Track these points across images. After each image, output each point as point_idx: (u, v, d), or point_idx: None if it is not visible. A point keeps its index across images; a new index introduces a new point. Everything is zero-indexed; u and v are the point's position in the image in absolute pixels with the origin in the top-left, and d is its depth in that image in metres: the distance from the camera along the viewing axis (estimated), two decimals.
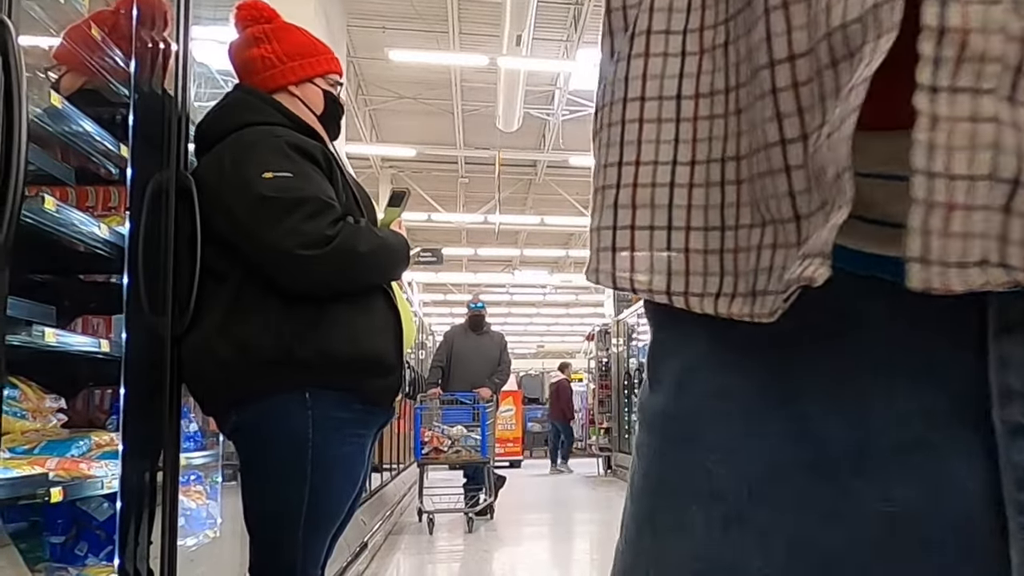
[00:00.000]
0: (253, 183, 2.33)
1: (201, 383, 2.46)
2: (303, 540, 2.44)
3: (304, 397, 2.36)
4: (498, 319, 19.23)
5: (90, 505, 2.77)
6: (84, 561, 2.75)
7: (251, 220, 2.33)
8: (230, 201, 2.36)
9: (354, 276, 2.44)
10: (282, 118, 2.52)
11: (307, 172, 2.40)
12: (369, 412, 2.51)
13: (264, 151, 2.39)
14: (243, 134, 2.44)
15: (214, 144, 2.50)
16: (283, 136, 2.43)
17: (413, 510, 9.04)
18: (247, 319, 2.35)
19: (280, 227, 2.31)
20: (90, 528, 2.80)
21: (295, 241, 2.31)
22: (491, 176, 17.78)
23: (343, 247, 2.36)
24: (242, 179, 2.35)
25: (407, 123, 16.18)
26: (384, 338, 2.52)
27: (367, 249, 2.43)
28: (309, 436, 2.37)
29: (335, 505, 2.50)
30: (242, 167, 2.37)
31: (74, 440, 2.57)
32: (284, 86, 2.57)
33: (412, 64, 13.06)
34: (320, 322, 2.38)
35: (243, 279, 2.37)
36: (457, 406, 8.88)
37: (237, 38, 2.61)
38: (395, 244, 2.58)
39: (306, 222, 2.33)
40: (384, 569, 6.63)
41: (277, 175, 2.35)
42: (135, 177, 2.46)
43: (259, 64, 2.56)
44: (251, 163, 2.36)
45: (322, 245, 2.33)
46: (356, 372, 2.42)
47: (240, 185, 2.35)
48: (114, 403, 3.01)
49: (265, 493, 2.46)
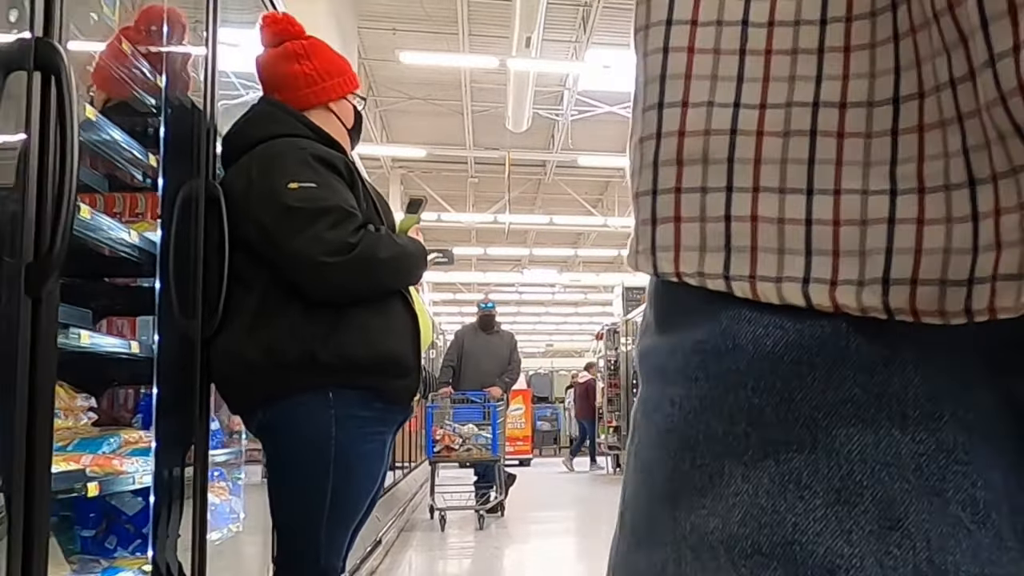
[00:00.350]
0: (279, 193, 2.44)
1: (230, 384, 2.57)
2: (326, 532, 2.55)
3: (327, 397, 2.47)
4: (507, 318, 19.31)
5: (120, 500, 2.88)
6: (114, 554, 2.86)
7: (277, 228, 2.44)
8: (257, 210, 2.48)
9: (375, 282, 2.54)
10: (306, 130, 2.63)
11: (330, 182, 2.51)
12: (388, 411, 2.62)
13: (289, 162, 2.50)
14: (269, 146, 2.55)
15: (241, 154, 2.61)
16: (307, 148, 2.54)
17: (425, 507, 9.12)
18: (273, 323, 2.46)
19: (305, 235, 2.42)
20: (119, 522, 2.91)
21: (319, 249, 2.42)
22: (501, 176, 17.86)
23: (364, 254, 2.47)
24: (269, 189, 2.46)
25: (417, 124, 16.27)
26: (402, 340, 2.63)
27: (387, 256, 2.54)
28: (332, 434, 2.48)
29: (356, 499, 2.61)
30: (269, 178, 2.48)
31: (105, 438, 2.68)
32: (325, 103, 2.68)
33: (422, 65, 13.16)
34: (341, 326, 2.49)
35: (269, 285, 2.48)
36: (468, 405, 8.97)
37: (271, 51, 2.70)
38: (413, 251, 2.69)
39: (329, 230, 2.44)
40: (397, 565, 6.71)
41: (302, 185, 2.46)
42: (166, 186, 2.58)
43: (301, 80, 2.66)
44: (277, 174, 2.47)
45: (345, 252, 2.44)
46: (376, 373, 2.53)
47: (267, 195, 2.46)
48: (139, 402, 3.13)
49: (291, 488, 2.57)
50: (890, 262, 0.42)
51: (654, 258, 0.49)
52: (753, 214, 0.45)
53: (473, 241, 22.38)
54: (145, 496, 2.81)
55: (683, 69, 0.47)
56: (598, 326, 22.67)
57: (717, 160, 0.46)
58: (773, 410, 0.44)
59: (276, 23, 2.71)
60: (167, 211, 2.56)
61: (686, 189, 0.47)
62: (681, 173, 0.47)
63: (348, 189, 2.57)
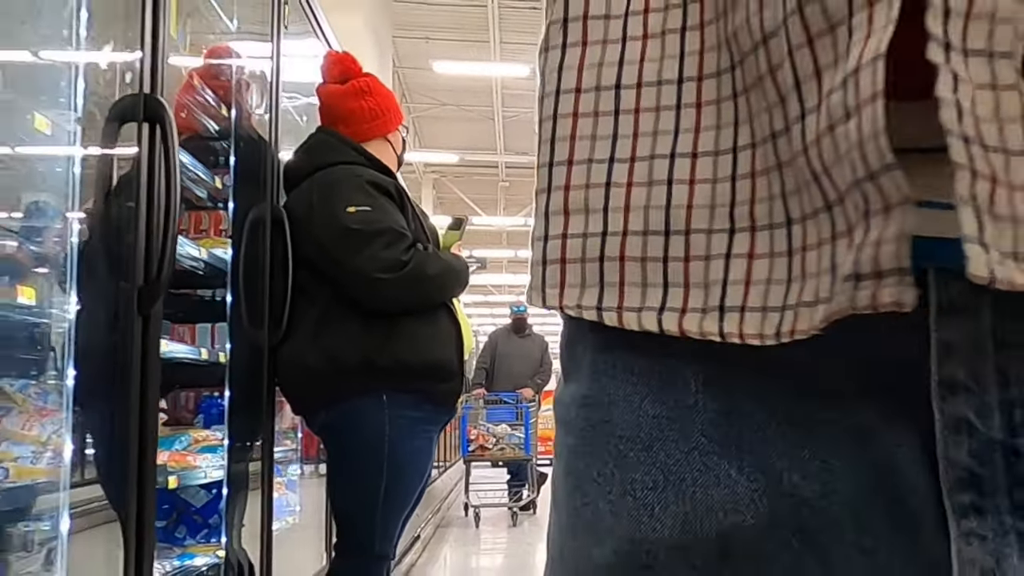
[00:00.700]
0: (339, 217, 2.73)
1: (295, 388, 2.86)
2: (381, 521, 2.83)
3: (382, 400, 2.75)
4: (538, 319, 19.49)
5: (189, 493, 3.16)
6: (184, 542, 3.14)
7: (337, 249, 2.72)
8: (319, 232, 2.76)
9: (424, 295, 2.82)
10: (360, 158, 2.91)
11: (383, 205, 2.79)
12: (436, 411, 2.90)
13: (347, 188, 2.78)
14: (328, 172, 2.83)
15: (301, 180, 2.90)
16: (363, 175, 2.82)
17: (460, 505, 9.33)
18: (334, 333, 2.74)
19: (362, 255, 2.70)
20: (188, 513, 3.19)
21: (375, 266, 2.70)
22: (531, 180, 18.02)
23: (415, 271, 2.75)
24: (329, 213, 2.74)
25: (449, 129, 16.54)
26: (448, 347, 2.90)
27: (434, 272, 2.82)
28: (386, 433, 2.76)
29: (407, 491, 2.89)
30: (329, 202, 2.76)
31: (176, 436, 2.97)
32: (383, 135, 2.97)
33: (454, 73, 13.44)
34: (395, 335, 2.77)
35: (330, 299, 2.77)
36: (501, 405, 9.17)
37: (336, 87, 2.98)
38: (457, 267, 2.96)
39: (383, 250, 2.72)
40: (434, 560, 6.93)
41: (359, 209, 2.74)
42: (235, 209, 2.87)
43: (366, 114, 2.95)
44: (336, 199, 2.76)
45: (397, 269, 2.72)
46: (425, 377, 2.81)
47: (328, 218, 2.74)
48: (199, 403, 3.41)
49: (349, 481, 2.85)
50: (725, 291, 0.49)
51: (543, 294, 0.55)
52: (622, 254, 0.52)
53: (504, 244, 22.61)
54: (210, 489, 3.09)
55: (568, 131, 0.54)
56: None
57: (595, 209, 0.53)
58: (635, 455, 0.53)
59: (341, 62, 3.00)
60: (237, 231, 2.84)
61: (571, 235, 0.54)
62: (567, 222, 0.54)
63: (399, 211, 2.85)
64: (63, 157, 1.89)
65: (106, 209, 1.96)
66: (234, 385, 2.84)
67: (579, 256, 0.53)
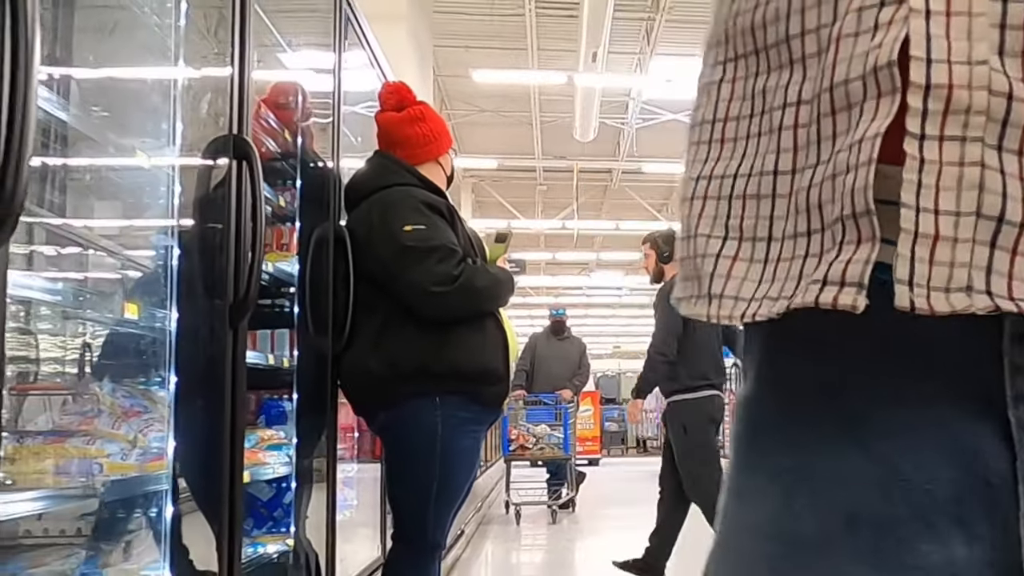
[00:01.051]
0: (397, 235, 3.00)
1: (357, 391, 3.13)
2: (433, 512, 3.09)
3: (435, 402, 3.01)
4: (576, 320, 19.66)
5: (256, 488, 3.42)
6: (251, 533, 3.40)
7: (396, 264, 2.99)
8: (379, 249, 3.03)
9: (474, 306, 3.09)
10: (414, 179, 3.18)
11: (436, 224, 3.06)
12: (484, 412, 3.17)
13: (404, 209, 3.05)
14: (386, 193, 3.10)
15: (361, 200, 3.17)
16: (417, 196, 3.09)
17: (501, 503, 9.56)
18: (392, 341, 3.01)
19: (417, 270, 2.97)
20: (255, 507, 3.44)
21: (430, 280, 2.97)
22: (568, 184, 18.30)
23: (466, 284, 3.01)
24: (388, 232, 3.01)
25: (488, 135, 16.76)
26: (495, 353, 3.16)
27: (483, 284, 3.08)
28: (438, 432, 3.02)
29: (458, 485, 3.16)
30: (387, 222, 3.03)
31: (246, 436, 3.23)
32: (435, 158, 3.24)
33: (493, 81, 13.69)
34: (447, 342, 3.03)
35: (389, 310, 3.03)
36: (540, 406, 9.38)
37: (393, 115, 3.26)
38: (504, 279, 3.23)
39: (437, 265, 2.99)
40: (477, 555, 7.16)
41: (415, 228, 3.01)
42: (301, 228, 3.14)
43: (420, 139, 3.23)
44: (395, 218, 3.03)
45: (449, 283, 2.99)
46: (475, 381, 3.07)
47: (387, 236, 3.01)
48: (260, 405, 3.67)
49: (405, 476, 3.11)
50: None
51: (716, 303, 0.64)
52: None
53: (542, 246, 22.80)
54: (274, 484, 3.35)
55: (693, 156, 0.68)
56: None
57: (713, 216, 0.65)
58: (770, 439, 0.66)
59: (398, 91, 3.28)
60: (303, 247, 3.11)
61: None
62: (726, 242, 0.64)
63: (450, 229, 3.11)
64: (163, 189, 2.17)
65: (200, 235, 2.23)
66: (300, 388, 3.10)
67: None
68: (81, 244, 2.54)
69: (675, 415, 5.68)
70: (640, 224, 20.76)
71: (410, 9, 9.56)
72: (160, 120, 2.15)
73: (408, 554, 3.13)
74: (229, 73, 2.21)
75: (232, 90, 2.21)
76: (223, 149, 2.19)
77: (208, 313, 2.20)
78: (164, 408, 2.24)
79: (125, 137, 2.16)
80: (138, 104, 2.18)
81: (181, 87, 2.17)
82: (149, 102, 2.15)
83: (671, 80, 13.67)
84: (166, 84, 2.16)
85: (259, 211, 2.20)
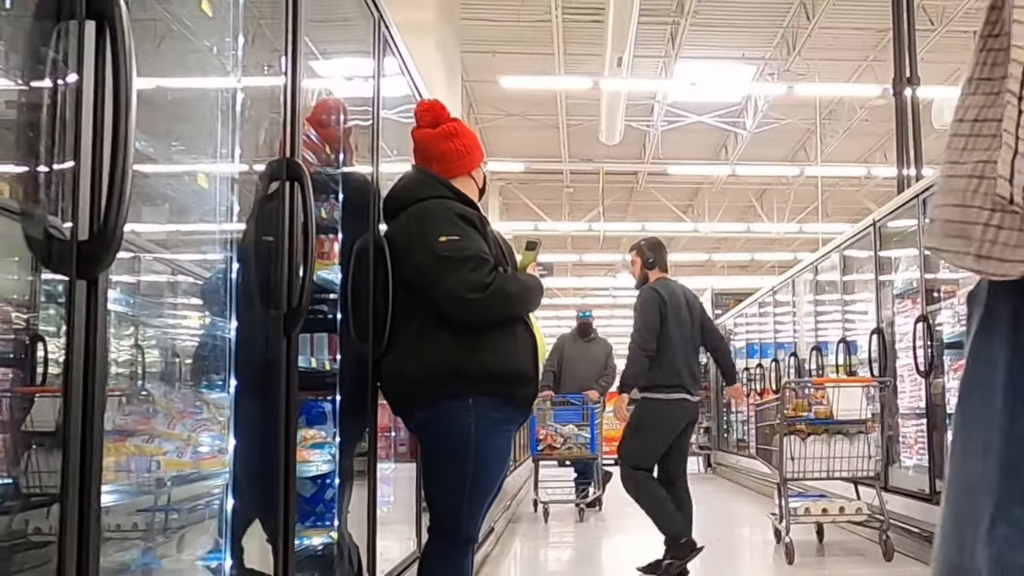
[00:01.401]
0: (433, 245, 3.18)
1: (397, 392, 3.31)
2: (467, 508, 3.27)
3: (469, 403, 3.19)
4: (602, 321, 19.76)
5: (299, 485, 3.61)
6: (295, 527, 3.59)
7: (433, 273, 3.18)
8: (417, 258, 3.21)
9: (505, 311, 3.27)
10: (448, 192, 3.36)
11: (470, 235, 3.24)
12: (515, 412, 3.35)
13: (440, 220, 3.24)
14: (424, 205, 3.29)
15: (399, 211, 3.36)
16: (452, 208, 3.28)
17: (529, 501, 9.71)
18: (429, 345, 3.19)
19: (453, 278, 3.15)
20: (298, 503, 3.64)
21: (464, 287, 3.15)
22: (595, 186, 18.46)
23: (498, 291, 3.19)
24: (425, 242, 3.20)
25: (515, 138, 16.95)
26: (525, 356, 3.34)
27: (514, 291, 3.26)
28: (472, 432, 3.20)
29: (490, 482, 3.34)
30: (425, 232, 3.22)
31: None
32: (468, 171, 3.43)
33: (519, 87, 13.87)
34: (481, 346, 3.21)
35: (425, 316, 3.22)
36: (568, 407, 9.52)
37: (429, 131, 3.46)
38: (533, 285, 3.41)
39: (471, 273, 3.17)
40: (506, 552, 7.32)
41: (449, 239, 3.19)
42: (344, 239, 3.33)
43: (454, 154, 3.42)
44: (431, 229, 3.21)
45: (482, 290, 3.17)
46: (506, 382, 3.25)
47: (424, 247, 3.20)
48: (301, 406, 3.86)
49: (441, 473, 3.29)
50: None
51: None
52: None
53: (569, 248, 22.96)
54: (316, 481, 3.54)
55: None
56: None
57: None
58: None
59: (432, 109, 3.48)
60: (345, 258, 3.30)
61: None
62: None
63: (482, 238, 3.30)
64: (223, 208, 2.36)
65: (256, 251, 2.43)
66: (343, 390, 3.29)
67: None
68: (145, 253, 2.74)
69: (641, 408, 6.22)
70: (665, 225, 20.93)
71: (438, 18, 9.76)
72: (220, 144, 2.34)
73: (443, 547, 3.31)
74: (281, 99, 2.40)
75: (285, 117, 2.41)
76: (278, 172, 2.39)
77: (264, 321, 2.39)
78: (218, 409, 2.44)
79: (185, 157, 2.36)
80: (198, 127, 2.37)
81: (239, 112, 2.36)
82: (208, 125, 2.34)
83: (696, 83, 13.82)
84: (225, 109, 2.36)
85: (310, 227, 2.39)
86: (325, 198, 3.44)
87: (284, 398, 2.39)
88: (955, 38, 12.62)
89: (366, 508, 3.38)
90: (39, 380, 1.65)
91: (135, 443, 2.44)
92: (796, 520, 6.57)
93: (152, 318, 2.44)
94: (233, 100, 2.35)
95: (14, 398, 1.72)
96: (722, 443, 15.37)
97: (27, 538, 1.63)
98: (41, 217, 1.43)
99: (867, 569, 6.31)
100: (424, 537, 3.73)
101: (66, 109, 1.44)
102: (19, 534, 1.60)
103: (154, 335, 2.47)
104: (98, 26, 1.44)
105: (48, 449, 1.81)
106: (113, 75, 1.44)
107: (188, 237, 2.59)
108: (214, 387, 2.38)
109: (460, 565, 3.30)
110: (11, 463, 1.74)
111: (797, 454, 6.56)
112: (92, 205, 1.43)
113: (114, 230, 1.40)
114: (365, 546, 3.40)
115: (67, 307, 1.40)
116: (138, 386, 2.58)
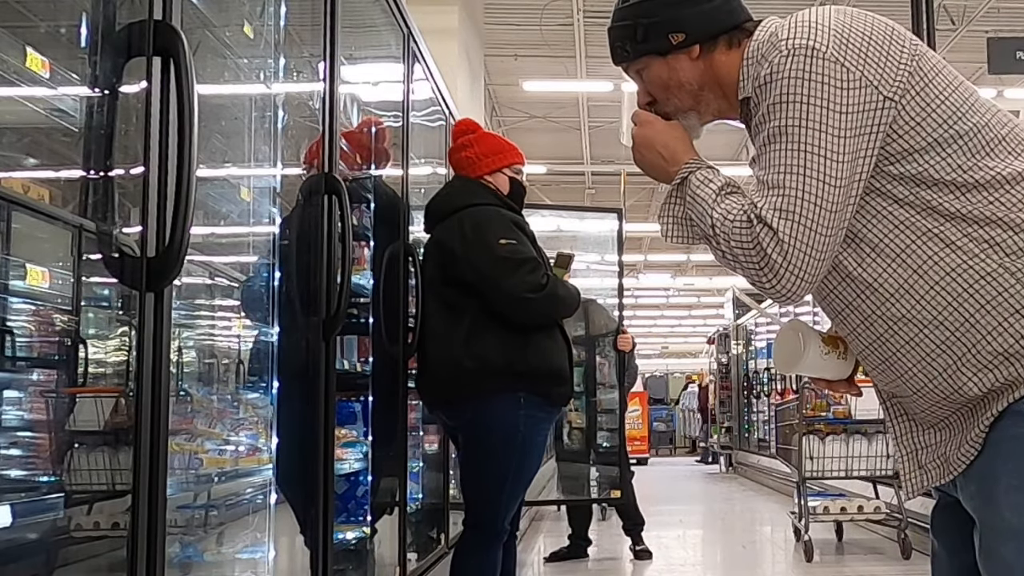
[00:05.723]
0: (494, 248, 3.34)
1: (445, 383, 3.43)
2: (506, 500, 3.40)
3: (519, 400, 3.34)
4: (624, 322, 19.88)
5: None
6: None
7: (493, 273, 3.34)
8: (476, 259, 3.36)
9: (555, 312, 3.46)
10: (495, 199, 3.51)
11: (524, 240, 3.43)
12: (553, 410, 3.52)
13: (497, 225, 3.41)
14: (476, 210, 3.45)
15: (444, 217, 3.50)
16: (507, 215, 3.45)
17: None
18: (482, 339, 3.34)
19: (513, 279, 3.32)
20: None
21: (524, 288, 3.32)
22: (616, 187, 18.53)
23: (551, 292, 3.36)
24: (485, 244, 3.35)
25: (537, 140, 17.04)
26: (562, 356, 3.50)
27: (563, 294, 3.45)
28: (520, 427, 3.34)
29: (528, 478, 3.49)
30: (484, 235, 3.37)
31: None
32: (480, 176, 3.57)
33: (542, 91, 14.00)
34: (527, 344, 3.37)
35: (476, 312, 3.37)
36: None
37: (454, 144, 3.67)
38: (575, 292, 3.58)
39: (528, 275, 3.34)
40: (531, 549, 7.45)
41: (508, 242, 3.36)
42: (375, 247, 3.47)
43: (465, 162, 3.60)
44: (490, 233, 3.38)
45: (538, 291, 3.33)
46: (549, 381, 3.41)
47: (484, 248, 3.35)
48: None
49: (483, 467, 3.41)
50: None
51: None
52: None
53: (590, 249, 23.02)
54: (348, 478, 3.68)
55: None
56: (712, 328, 23.05)
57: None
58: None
59: (458, 126, 3.68)
60: (377, 265, 3.45)
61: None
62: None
63: (532, 245, 3.45)
64: (267, 221, 2.51)
65: (296, 260, 2.58)
66: (375, 391, 3.43)
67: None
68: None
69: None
70: None
71: (462, 23, 9.90)
72: (263, 159, 2.49)
73: (478, 539, 3.43)
74: (320, 117, 2.55)
75: (324, 135, 2.56)
76: (317, 187, 2.54)
77: (304, 327, 2.54)
78: (258, 409, 2.58)
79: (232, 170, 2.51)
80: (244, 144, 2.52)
81: (280, 130, 2.51)
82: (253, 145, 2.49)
83: None
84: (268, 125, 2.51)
85: (347, 238, 2.54)
86: (356, 206, 3.60)
87: (323, 399, 2.53)
88: (977, 38, 12.64)
89: (397, 503, 3.52)
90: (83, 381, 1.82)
91: (178, 441, 2.58)
92: (815, 519, 6.68)
93: (202, 324, 2.59)
94: (275, 117, 2.50)
95: (98, 399, 1.87)
96: (743, 443, 15.45)
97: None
98: (114, 236, 1.57)
99: (885, 567, 6.41)
100: (453, 532, 3.86)
101: (135, 136, 1.58)
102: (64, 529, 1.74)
103: (203, 339, 2.61)
104: (163, 61, 1.58)
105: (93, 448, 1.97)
106: (178, 104, 1.58)
107: (230, 247, 2.74)
108: (257, 388, 2.53)
109: (492, 556, 3.43)
110: (55, 462, 1.89)
111: (816, 453, 6.67)
112: (159, 224, 1.57)
113: (179, 248, 1.54)
114: (396, 541, 3.54)
115: (138, 318, 1.54)
116: (183, 387, 2.73)
